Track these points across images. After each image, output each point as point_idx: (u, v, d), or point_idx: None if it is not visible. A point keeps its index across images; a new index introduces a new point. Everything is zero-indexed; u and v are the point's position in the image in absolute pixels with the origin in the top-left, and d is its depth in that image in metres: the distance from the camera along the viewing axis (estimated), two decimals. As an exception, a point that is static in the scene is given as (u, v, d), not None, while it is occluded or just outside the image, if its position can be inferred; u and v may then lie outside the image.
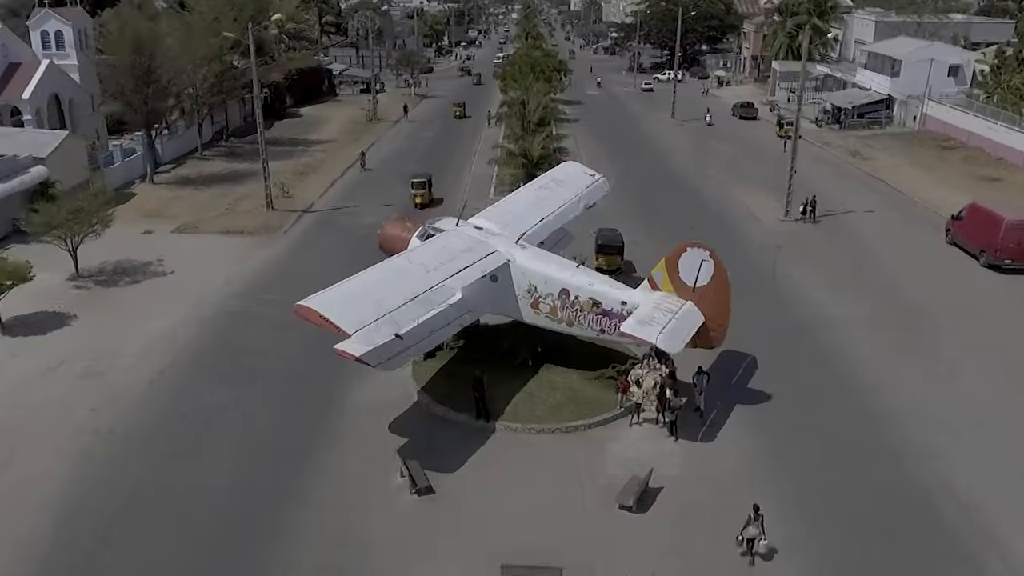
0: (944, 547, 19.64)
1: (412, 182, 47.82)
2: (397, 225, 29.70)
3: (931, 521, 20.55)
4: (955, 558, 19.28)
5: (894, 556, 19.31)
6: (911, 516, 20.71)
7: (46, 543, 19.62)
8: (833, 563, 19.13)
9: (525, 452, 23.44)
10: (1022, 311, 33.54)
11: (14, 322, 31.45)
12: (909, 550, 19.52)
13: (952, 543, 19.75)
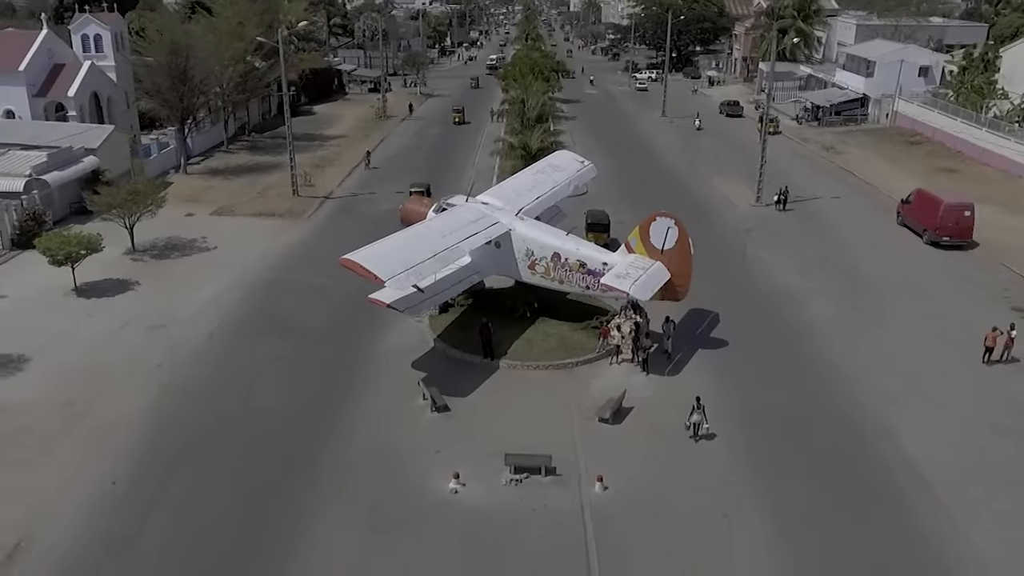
0: (842, 439, 24.93)
1: (411, 191, 47.24)
2: (416, 201, 35.11)
3: (838, 426, 25.80)
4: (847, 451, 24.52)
5: (805, 448, 24.62)
6: (825, 426, 25.94)
7: (119, 487, 23.44)
8: (756, 450, 24.37)
9: (523, 383, 28.70)
10: (953, 279, 38.76)
11: (86, 287, 36.66)
12: (815, 445, 24.80)
13: (850, 438, 25.01)
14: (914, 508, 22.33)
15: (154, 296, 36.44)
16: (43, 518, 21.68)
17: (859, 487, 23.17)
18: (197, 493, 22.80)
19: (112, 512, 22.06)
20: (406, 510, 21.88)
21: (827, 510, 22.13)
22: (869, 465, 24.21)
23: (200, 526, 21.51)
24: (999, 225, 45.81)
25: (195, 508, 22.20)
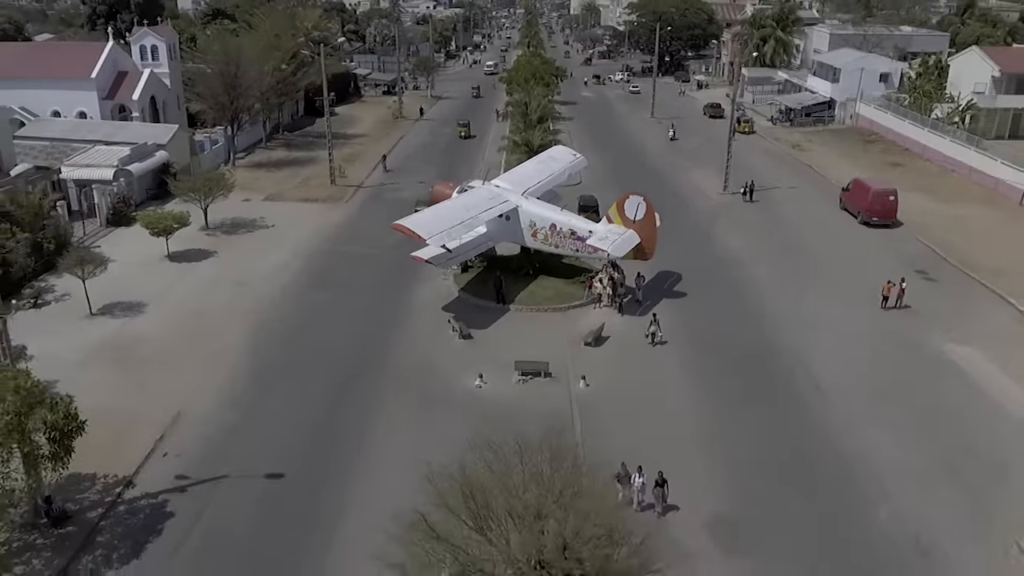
0: (762, 356, 34.01)
1: (416, 209, 45.21)
2: (443, 184, 44.32)
3: (760, 347, 34.86)
4: (766, 364, 33.60)
5: (734, 360, 33.69)
6: (751, 347, 35.03)
7: (239, 384, 32.93)
8: (698, 359, 33.46)
9: (528, 321, 37.81)
10: (874, 250, 47.72)
11: (176, 254, 45.77)
12: (742, 358, 33.88)
13: (768, 355, 34.10)
14: (812, 405, 31.24)
15: (231, 262, 45.56)
16: (189, 402, 30.72)
17: (772, 389, 32.22)
18: (293, 393, 31.88)
19: (231, 406, 31.09)
20: (445, 396, 30.97)
21: (746, 401, 31.20)
22: (781, 375, 33.29)
23: (299, 409, 30.58)
24: (925, 209, 54.86)
25: (294, 400, 31.27)
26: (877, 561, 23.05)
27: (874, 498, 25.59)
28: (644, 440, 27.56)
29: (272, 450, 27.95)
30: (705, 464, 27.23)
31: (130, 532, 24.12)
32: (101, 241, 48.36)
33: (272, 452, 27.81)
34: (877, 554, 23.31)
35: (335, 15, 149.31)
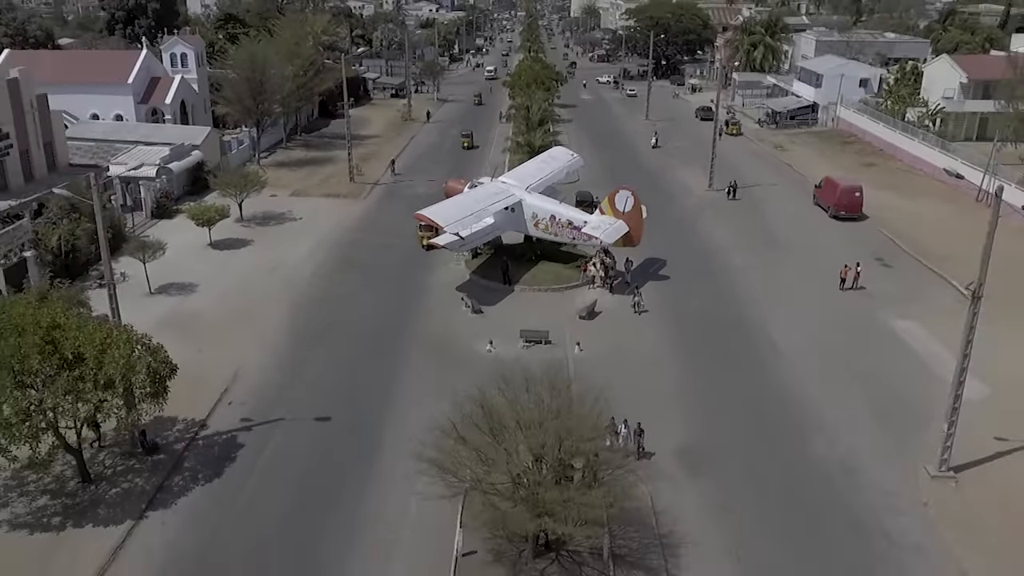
0: (732, 326, 39.69)
1: (420, 224, 47.92)
2: (455, 181, 50.07)
3: (731, 320, 40.50)
4: (734, 332, 39.25)
5: (707, 329, 39.37)
6: (723, 319, 40.68)
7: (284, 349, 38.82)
8: (676, 329, 39.11)
9: (531, 300, 43.47)
10: (841, 240, 53.26)
11: (217, 243, 51.42)
12: (715, 328, 39.58)
13: (737, 326, 39.74)
14: (770, 365, 36.94)
15: (266, 249, 51.23)
16: (243, 364, 36.32)
17: (738, 351, 37.88)
18: (330, 356, 37.54)
19: (280, 367, 36.73)
20: (461, 358, 36.58)
21: (715, 361, 36.87)
22: (747, 340, 38.97)
23: (337, 368, 36.25)
24: (890, 205, 60.53)
25: (331, 361, 36.94)
26: (811, 477, 28.73)
27: (813, 434, 31.27)
28: (628, 391, 33.03)
29: (317, 399, 33.60)
30: (678, 409, 32.89)
31: (210, 460, 29.78)
32: (148, 232, 53.92)
33: (317, 401, 33.47)
34: (811, 472, 29.00)
35: (343, 20, 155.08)
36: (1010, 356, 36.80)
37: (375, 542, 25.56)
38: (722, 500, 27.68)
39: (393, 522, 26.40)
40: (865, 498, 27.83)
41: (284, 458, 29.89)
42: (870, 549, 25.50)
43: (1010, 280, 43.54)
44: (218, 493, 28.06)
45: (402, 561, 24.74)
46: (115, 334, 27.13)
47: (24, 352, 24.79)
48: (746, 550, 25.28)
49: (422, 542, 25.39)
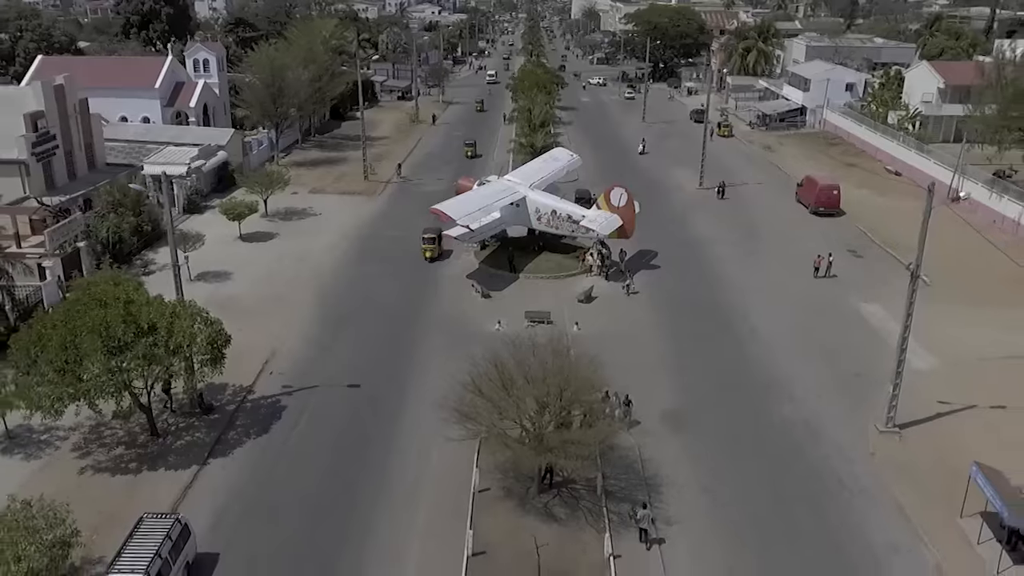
0: (714, 310, 44.33)
1: (423, 237, 51.59)
2: (465, 179, 54.84)
3: (713, 304, 45.16)
4: (716, 314, 43.91)
5: (692, 311, 44.02)
6: (706, 304, 45.34)
7: (314, 329, 43.71)
8: (663, 309, 43.77)
9: (535, 286, 48.14)
10: (819, 234, 57.83)
11: (246, 236, 56.06)
12: (699, 310, 44.23)
13: (719, 309, 44.40)
14: (749, 343, 41.57)
15: (291, 241, 55.89)
16: (280, 341, 40.95)
17: (720, 332, 42.54)
18: (356, 334, 42.22)
19: (312, 344, 41.40)
20: (472, 335, 41.12)
21: (697, 339, 41.56)
22: (727, 321, 43.67)
23: (362, 344, 40.91)
24: (867, 203, 65.20)
25: (357, 338, 41.61)
26: (778, 434, 33.40)
27: (782, 400, 35.96)
28: (620, 363, 37.58)
29: (347, 370, 38.26)
30: (663, 378, 37.57)
31: (258, 419, 34.45)
32: (181, 226, 58.57)
33: (347, 371, 38.13)
34: (778, 430, 33.67)
35: (350, 24, 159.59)
36: (958, 334, 41.48)
37: (403, 483, 30.23)
38: (699, 451, 32.36)
39: (417, 466, 31.08)
40: (822, 450, 32.51)
41: (321, 417, 34.56)
42: (824, 489, 30.16)
43: (968, 270, 48.36)
44: (267, 445, 32.74)
45: (427, 498, 29.40)
46: (179, 308, 31.82)
47: (109, 321, 29.44)
48: (717, 489, 29.94)
49: (443, 482, 30.06)
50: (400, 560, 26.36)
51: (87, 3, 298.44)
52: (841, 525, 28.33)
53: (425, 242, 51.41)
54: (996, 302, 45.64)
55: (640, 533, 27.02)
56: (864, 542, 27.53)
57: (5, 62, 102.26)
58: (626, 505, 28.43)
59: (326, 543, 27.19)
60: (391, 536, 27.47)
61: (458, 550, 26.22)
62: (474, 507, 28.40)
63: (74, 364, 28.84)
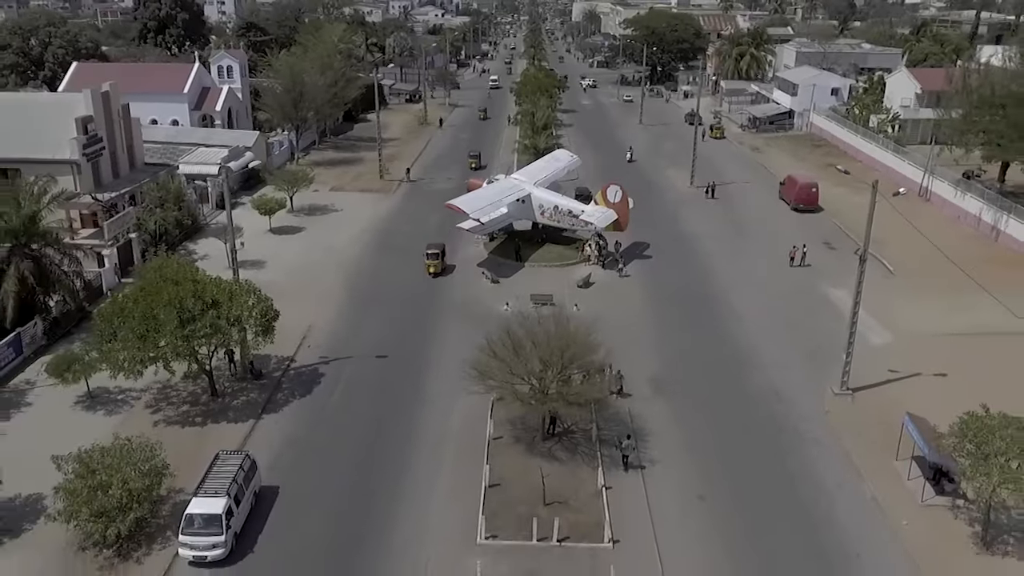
0: (700, 295, 49.90)
1: (427, 252, 53.19)
2: (476, 179, 60.44)
3: (700, 291, 50.71)
4: (701, 299, 49.47)
5: (680, 297, 49.57)
6: (694, 290, 50.91)
7: (344, 309, 49.34)
8: (653, 295, 49.33)
9: (538, 273, 53.70)
10: (798, 228, 63.27)
11: (275, 229, 61.64)
12: (686, 296, 49.78)
13: (704, 295, 49.95)
14: (728, 323, 47.10)
15: (317, 234, 61.47)
16: (314, 319, 46.48)
17: (704, 313, 48.08)
18: (381, 313, 47.77)
19: (343, 322, 46.97)
20: (484, 315, 46.58)
21: (684, 318, 47.11)
22: (709, 303, 49.23)
23: (388, 321, 46.46)
24: (845, 200, 70.61)
25: (383, 317, 47.16)
26: (749, 397, 38.94)
27: (752, 369, 41.51)
28: (614, 339, 43.03)
29: (376, 344, 43.81)
30: (651, 351, 43.13)
31: (300, 384, 40.00)
32: (215, 220, 64.23)
33: (376, 344, 43.69)
34: (749, 394, 39.24)
35: (358, 28, 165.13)
36: (913, 315, 47.08)
37: (430, 432, 35.79)
38: (680, 411, 37.91)
39: (441, 419, 36.65)
40: (785, 410, 38.05)
41: (355, 382, 40.11)
42: (784, 440, 35.70)
43: (929, 260, 53.86)
44: (310, 404, 38.33)
45: (451, 443, 34.95)
46: (236, 287, 37.39)
47: (182, 296, 34.97)
48: (693, 439, 35.48)
49: (464, 431, 35.62)
50: (431, 489, 31.94)
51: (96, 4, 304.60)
52: (797, 467, 33.89)
53: (429, 257, 52.92)
54: (951, 288, 51.02)
55: (623, 459, 32.63)
56: (815, 480, 33.08)
57: (35, 67, 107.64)
58: (615, 452, 33.97)
59: (367, 478, 32.75)
60: (423, 472, 33.05)
61: (477, 482, 31.80)
62: (489, 451, 33.94)
63: (153, 332, 34.38)
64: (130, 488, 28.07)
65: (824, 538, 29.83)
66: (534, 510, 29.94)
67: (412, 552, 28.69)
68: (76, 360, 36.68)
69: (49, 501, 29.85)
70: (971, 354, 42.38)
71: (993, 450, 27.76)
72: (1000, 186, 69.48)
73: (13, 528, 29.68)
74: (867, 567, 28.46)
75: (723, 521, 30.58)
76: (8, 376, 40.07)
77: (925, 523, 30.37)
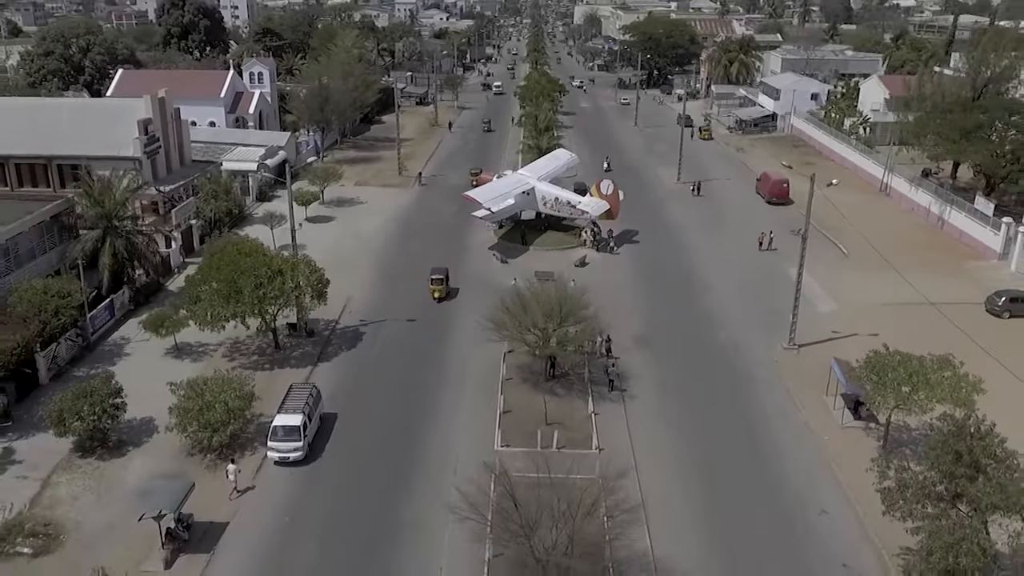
0: (679, 273, 58.61)
1: (431, 278, 54.04)
2: (486, 174, 69.23)
3: (678, 269, 59.39)
4: (681, 276, 58.19)
5: (662, 273, 58.29)
6: (673, 268, 59.60)
7: (376, 283, 58.19)
8: (640, 271, 58.03)
9: (542, 256, 62.44)
10: (769, 218, 71.85)
11: (310, 219, 70.35)
12: (667, 274, 58.51)
13: (683, 273, 58.66)
14: (700, 293, 55.78)
15: (347, 223, 70.22)
16: (352, 291, 55.09)
17: (680, 286, 56.81)
18: (408, 287, 56.43)
19: (377, 293, 55.69)
20: (495, 287, 55.24)
21: (664, 291, 55.79)
22: (687, 279, 57.98)
23: (414, 294, 55.10)
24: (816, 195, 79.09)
25: (410, 290, 55.80)
26: (714, 351, 47.64)
27: (718, 330, 50.22)
28: (604, 306, 51.77)
29: (405, 310, 52.50)
30: (635, 315, 51.80)
31: (346, 340, 48.69)
32: (256, 211, 72.92)
33: (406, 311, 52.38)
34: (715, 348, 47.94)
35: (368, 33, 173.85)
36: (857, 289, 55.84)
37: (453, 374, 44.52)
38: (656, 359, 46.58)
39: (462, 365, 45.38)
40: (743, 360, 46.74)
41: (390, 339, 48.82)
42: (739, 382, 44.35)
43: (881, 245, 62.27)
44: (355, 355, 47.06)
45: (471, 383, 43.64)
46: (295, 260, 46.14)
47: (256, 265, 43.66)
48: (667, 381, 44.17)
49: (480, 373, 44.32)
50: (457, 414, 40.68)
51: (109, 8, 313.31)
52: (748, 400, 42.59)
53: (433, 283, 53.62)
54: (894, 268, 59.65)
55: (609, 382, 41.53)
56: (761, 409, 41.76)
57: (75, 72, 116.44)
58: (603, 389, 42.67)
59: (405, 407, 41.45)
60: (450, 402, 41.81)
61: (493, 409, 40.54)
62: (502, 387, 42.65)
63: (235, 294, 43.05)
64: (229, 407, 36.67)
65: (765, 448, 38.52)
66: (538, 427, 38.60)
67: (444, 455, 37.41)
68: (168, 317, 45.40)
69: (158, 422, 38.61)
70: (901, 319, 50.97)
71: (890, 379, 36.32)
72: (952, 182, 78.16)
73: (136, 441, 38.38)
74: (794, 468, 37.10)
75: (685, 436, 39.27)
76: (105, 334, 48.79)
77: (843, 439, 39.03)
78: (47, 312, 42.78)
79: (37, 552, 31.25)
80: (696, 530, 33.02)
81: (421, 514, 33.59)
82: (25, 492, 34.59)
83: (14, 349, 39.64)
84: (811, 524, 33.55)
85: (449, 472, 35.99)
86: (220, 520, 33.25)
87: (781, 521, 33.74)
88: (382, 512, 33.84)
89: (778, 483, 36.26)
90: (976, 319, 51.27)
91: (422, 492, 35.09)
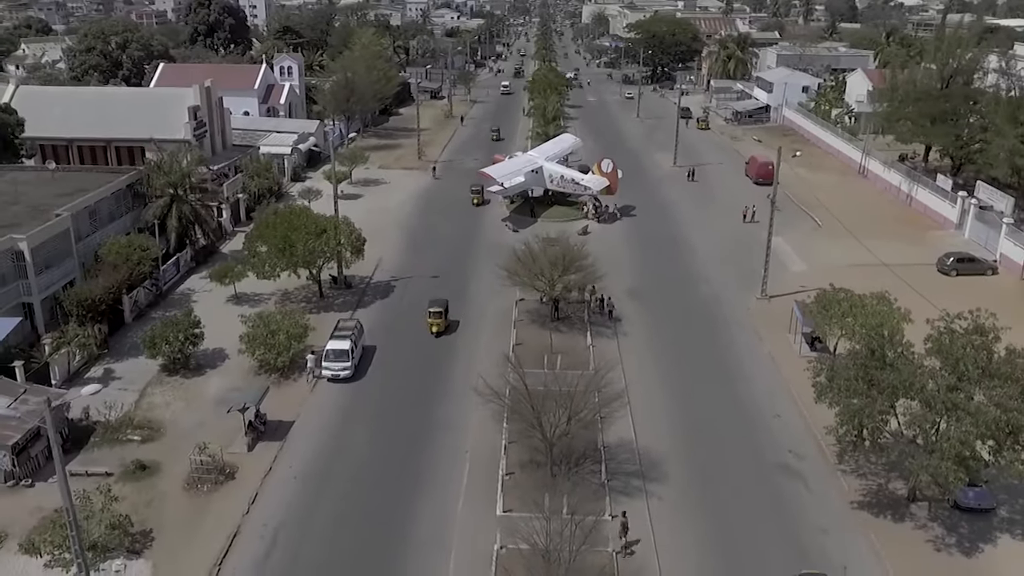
0: (668, 239, 66.38)
1: (429, 311, 50.60)
2: (498, 156, 77.10)
3: (668, 235, 67.11)
4: (669, 242, 65.92)
5: (654, 240, 66.05)
6: (664, 235, 67.33)
7: (403, 248, 66.12)
8: (634, 236, 65.78)
9: (550, 225, 70.20)
10: (755, 196, 79.17)
11: (342, 196, 78.11)
12: (658, 239, 66.27)
13: (672, 239, 66.39)
14: (687, 256, 63.49)
15: (374, 200, 78.18)
16: (382, 255, 62.93)
17: (670, 250, 64.55)
18: (432, 251, 64.35)
19: (404, 256, 63.63)
20: (505, 250, 62.91)
21: (656, 254, 63.57)
22: (676, 245, 65.70)
23: (438, 255, 63.04)
24: (799, 176, 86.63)
25: (435, 253, 63.76)
26: (697, 301, 55.40)
27: (701, 284, 57.98)
28: (603, 266, 59.47)
29: (429, 268, 60.39)
30: (630, 273, 59.56)
31: (379, 292, 56.63)
32: (291, 189, 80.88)
33: (429, 268, 60.28)
34: (697, 299, 55.71)
35: (384, 32, 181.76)
36: (826, 253, 63.53)
37: (472, 316, 52.33)
38: (646, 308, 54.34)
39: (480, 309, 53.22)
40: (721, 308, 54.45)
41: (417, 291, 56.60)
42: (718, 326, 52.04)
43: (853, 218, 69.69)
44: (388, 304, 55.03)
45: (488, 323, 51.49)
46: (337, 220, 54.09)
47: (305, 223, 51.52)
48: (655, 324, 51.91)
49: (496, 316, 52.19)
50: (474, 345, 48.57)
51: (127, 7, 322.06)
52: (723, 338, 50.30)
53: (432, 316, 50.26)
54: (861, 236, 67.12)
55: (608, 313, 49.61)
56: (734, 345, 49.47)
57: (114, 67, 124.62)
58: (601, 328, 50.46)
59: (433, 344, 49.30)
60: (468, 336, 49.74)
61: (507, 341, 48.42)
62: (515, 326, 50.46)
63: (289, 248, 50.93)
64: (290, 334, 44.60)
65: (734, 372, 46.25)
66: (544, 354, 46.39)
67: (467, 371, 45.23)
68: (231, 269, 53.35)
69: (228, 352, 46.58)
70: (863, 278, 57.56)
71: (834, 312, 43.90)
72: (924, 165, 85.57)
73: (211, 364, 46.35)
74: (757, 387, 44.78)
75: (668, 363, 47.07)
76: (173, 286, 56.79)
77: (798, 366, 46.50)
78: (132, 262, 50.80)
79: (144, 439, 39.22)
80: (672, 427, 40.81)
81: (450, 414, 41.51)
82: (128, 399, 42.59)
83: (110, 290, 47.66)
84: (767, 424, 41.30)
85: (470, 385, 43.85)
86: (287, 419, 41.18)
87: (744, 423, 41.47)
88: (417, 414, 41.72)
89: (743, 398, 43.98)
90: (928, 277, 58.81)
91: (449, 400, 42.97)
